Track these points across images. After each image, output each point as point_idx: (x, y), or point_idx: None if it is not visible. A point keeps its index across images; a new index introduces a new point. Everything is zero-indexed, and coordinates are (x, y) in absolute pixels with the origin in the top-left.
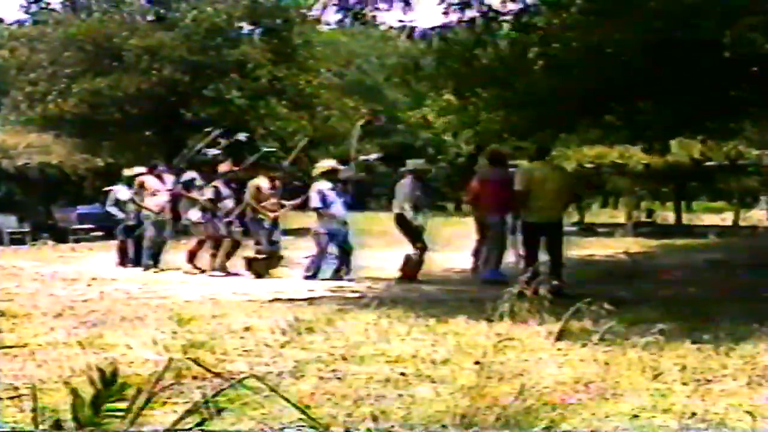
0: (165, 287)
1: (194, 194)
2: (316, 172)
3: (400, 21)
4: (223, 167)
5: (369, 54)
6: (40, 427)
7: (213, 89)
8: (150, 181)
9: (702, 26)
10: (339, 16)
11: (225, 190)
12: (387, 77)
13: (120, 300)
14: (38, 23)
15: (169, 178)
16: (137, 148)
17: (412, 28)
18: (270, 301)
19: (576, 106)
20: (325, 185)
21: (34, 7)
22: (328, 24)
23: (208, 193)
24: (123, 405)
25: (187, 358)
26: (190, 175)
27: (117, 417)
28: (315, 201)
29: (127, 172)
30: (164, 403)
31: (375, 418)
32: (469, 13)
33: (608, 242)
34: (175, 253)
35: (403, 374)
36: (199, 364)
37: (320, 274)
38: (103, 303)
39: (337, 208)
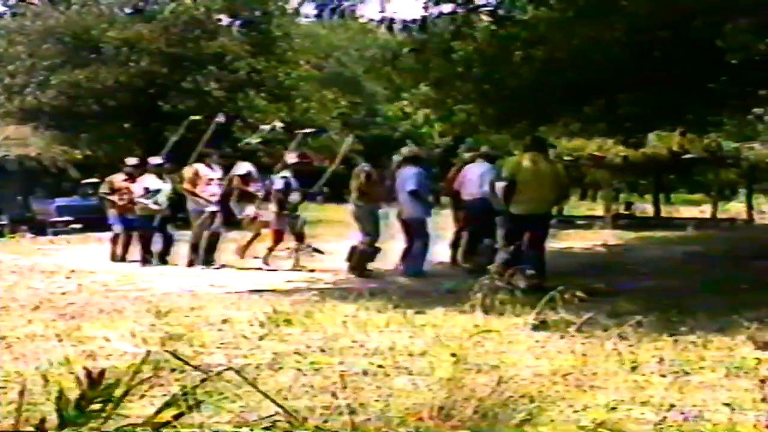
0: (143, 279)
1: (251, 188)
2: (399, 157)
3: (381, 12)
4: (292, 158)
5: (348, 46)
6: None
7: (191, 81)
8: (203, 169)
9: (689, 25)
10: (316, 11)
11: (294, 182)
12: (366, 70)
13: (98, 292)
14: (16, 15)
15: (219, 168)
16: (115, 140)
17: (392, 21)
18: (248, 293)
19: (554, 98)
20: (414, 170)
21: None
22: (307, 16)
23: (278, 183)
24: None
25: (165, 351)
26: (245, 167)
27: (95, 410)
28: (412, 183)
29: (157, 160)
30: (142, 396)
31: (353, 411)
32: (449, 6)
33: (587, 234)
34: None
35: (380, 366)
36: (177, 357)
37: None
38: (82, 295)
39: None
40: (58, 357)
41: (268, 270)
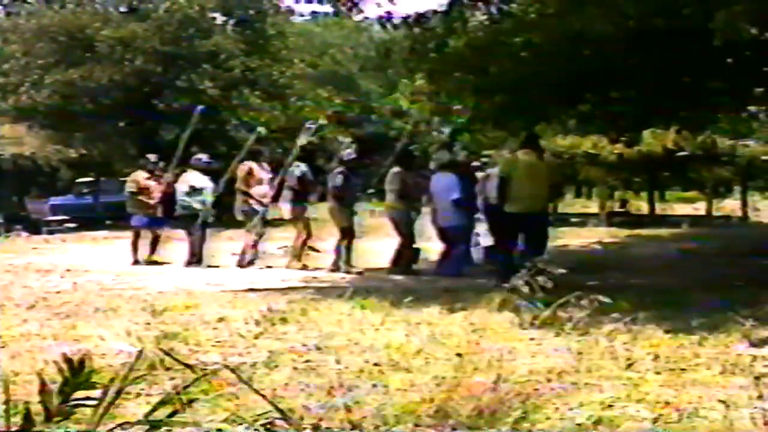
0: (138, 278)
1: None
2: (437, 163)
3: (378, 5)
4: (347, 154)
5: (343, 44)
6: (12, 420)
7: (185, 80)
8: (257, 169)
9: (684, 14)
10: (312, 7)
11: (353, 178)
12: (361, 67)
13: (93, 291)
14: (11, 15)
15: (266, 168)
16: (110, 138)
17: (387, 17)
18: (244, 291)
19: (549, 94)
20: (455, 178)
21: None
22: (302, 15)
23: (337, 180)
24: (94, 394)
25: (160, 350)
26: (301, 169)
27: (88, 407)
28: (456, 192)
29: (203, 157)
30: (137, 394)
31: (348, 409)
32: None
33: (582, 232)
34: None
35: (377, 365)
36: (171, 356)
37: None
38: (77, 294)
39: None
40: (53, 356)
41: (350, 270)
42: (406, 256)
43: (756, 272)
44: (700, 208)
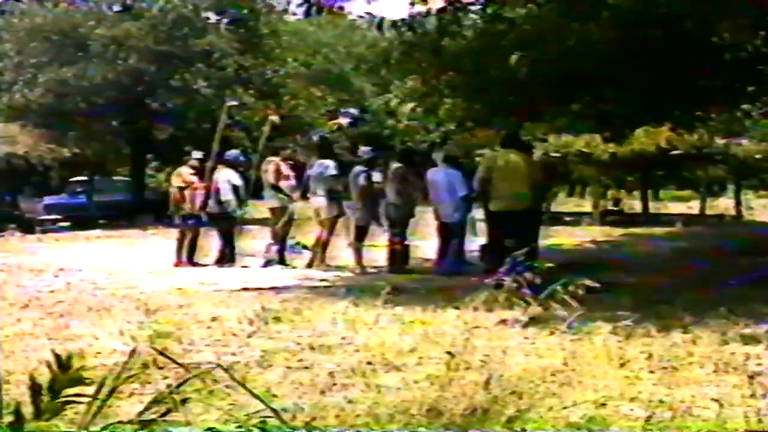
0: (132, 277)
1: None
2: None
3: (367, 13)
4: (366, 152)
5: (336, 44)
6: (4, 419)
7: (179, 79)
8: (283, 166)
9: (681, 24)
10: (303, 8)
11: (377, 175)
12: (355, 67)
13: (87, 290)
14: (4, 13)
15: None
16: (103, 138)
17: (381, 20)
18: (237, 290)
19: (542, 93)
20: (457, 173)
21: None
22: (295, 14)
23: (362, 179)
24: (86, 392)
25: (153, 348)
26: (334, 166)
27: (79, 404)
28: (463, 188)
29: (237, 154)
30: (130, 393)
31: (342, 408)
32: (437, 4)
33: (575, 231)
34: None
35: (369, 363)
36: (164, 355)
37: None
38: (70, 294)
39: None
40: (46, 355)
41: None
42: (399, 254)
43: (749, 270)
44: (694, 206)
